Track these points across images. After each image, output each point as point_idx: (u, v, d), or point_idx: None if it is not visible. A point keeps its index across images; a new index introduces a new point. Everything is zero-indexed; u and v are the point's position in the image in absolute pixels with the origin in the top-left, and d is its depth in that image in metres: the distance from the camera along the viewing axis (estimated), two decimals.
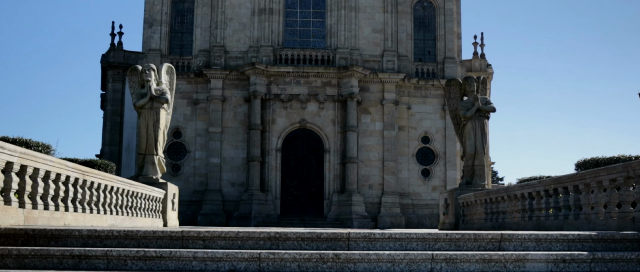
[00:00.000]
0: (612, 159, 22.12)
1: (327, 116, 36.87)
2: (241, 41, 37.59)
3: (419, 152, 37.77)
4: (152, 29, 37.66)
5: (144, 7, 37.99)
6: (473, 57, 41.78)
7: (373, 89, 37.29)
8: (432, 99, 37.96)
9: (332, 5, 37.84)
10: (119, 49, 41.75)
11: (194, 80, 37.20)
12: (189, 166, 36.93)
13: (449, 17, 38.52)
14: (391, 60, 37.51)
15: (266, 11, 37.45)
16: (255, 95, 36.11)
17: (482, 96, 19.92)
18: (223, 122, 36.76)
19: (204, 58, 37.44)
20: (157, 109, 18.41)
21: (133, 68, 19.25)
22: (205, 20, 37.84)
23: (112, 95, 41.49)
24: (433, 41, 38.88)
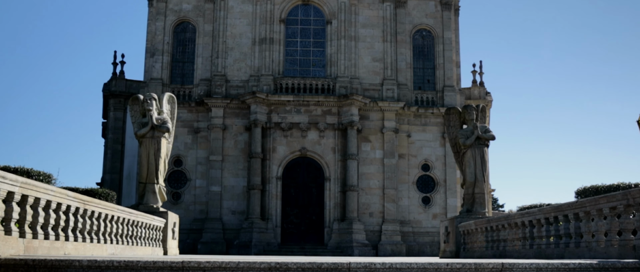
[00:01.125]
0: (612, 187, 22.13)
1: (327, 144, 36.95)
2: (242, 70, 37.89)
3: (419, 180, 37.75)
4: (154, 59, 38.01)
5: (146, 37, 38.41)
6: (472, 85, 42.05)
7: (373, 117, 37.45)
8: (431, 127, 38.09)
9: (332, 35, 38.25)
10: (120, 78, 42.08)
11: (195, 109, 37.38)
12: (190, 194, 36.88)
13: (447, 46, 38.90)
14: (391, 88, 37.76)
15: (267, 41, 37.84)
16: (256, 124, 36.25)
17: (482, 124, 20.05)
18: (224, 151, 36.83)
19: (205, 87, 37.69)
20: (158, 138, 18.50)
21: (134, 97, 19.39)
22: (206, 49, 38.21)
23: (113, 123, 41.68)
24: (432, 70, 39.18)
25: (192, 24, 38.79)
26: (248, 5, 38.38)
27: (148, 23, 38.54)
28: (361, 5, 38.72)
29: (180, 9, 38.72)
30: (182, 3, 38.77)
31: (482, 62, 42.51)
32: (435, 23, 39.22)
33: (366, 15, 38.67)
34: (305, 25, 38.81)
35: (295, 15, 38.82)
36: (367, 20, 38.60)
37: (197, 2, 38.79)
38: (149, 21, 38.53)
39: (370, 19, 38.63)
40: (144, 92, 36.49)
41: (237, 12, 38.34)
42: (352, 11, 38.42)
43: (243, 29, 38.20)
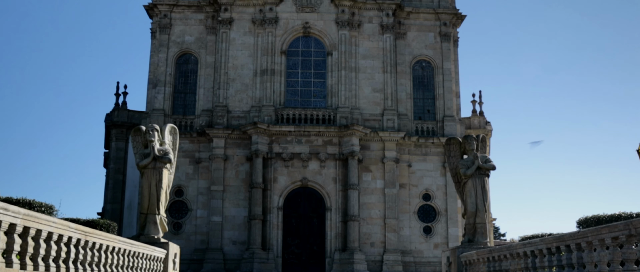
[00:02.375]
0: (614, 217, 22.08)
1: (328, 174, 36.97)
2: (243, 101, 38.14)
3: (420, 209, 37.66)
4: (156, 90, 38.30)
5: (149, 68, 38.80)
6: (472, 115, 42.27)
7: (374, 148, 37.54)
8: (432, 156, 38.16)
9: (332, 66, 38.62)
10: (123, 109, 42.38)
11: (197, 140, 37.52)
12: (191, 224, 36.77)
13: (447, 77, 39.22)
14: (391, 119, 37.94)
15: (268, 72, 38.19)
16: (257, 154, 36.34)
17: (482, 154, 20.12)
18: (225, 181, 36.84)
19: (206, 118, 37.89)
20: (160, 169, 18.55)
21: (137, 128, 19.50)
22: (208, 81, 38.54)
23: (115, 153, 41.83)
24: (432, 100, 39.43)
25: (194, 56, 39.20)
26: (250, 37, 38.84)
27: (151, 55, 38.97)
28: (361, 37, 39.18)
29: (183, 41, 39.18)
30: (185, 35, 39.25)
31: (481, 92, 42.93)
32: (435, 54, 39.62)
33: (366, 46, 39.10)
34: (306, 56, 39.22)
35: (296, 47, 39.26)
36: (367, 52, 39.01)
37: (199, 34, 39.28)
38: (152, 53, 38.96)
39: (370, 50, 39.05)
40: (146, 122, 36.71)
41: (238, 43, 38.79)
42: (352, 43, 38.86)
43: (245, 60, 38.59)
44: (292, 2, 39.25)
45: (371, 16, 39.55)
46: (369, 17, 39.55)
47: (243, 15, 39.12)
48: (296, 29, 39.04)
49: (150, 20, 39.95)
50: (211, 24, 39.27)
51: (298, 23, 39.02)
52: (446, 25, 39.87)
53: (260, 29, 38.80)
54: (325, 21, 39.14)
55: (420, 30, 40.02)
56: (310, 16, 39.12)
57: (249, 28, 38.99)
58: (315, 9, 39.23)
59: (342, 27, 38.90)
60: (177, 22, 39.30)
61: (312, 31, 39.10)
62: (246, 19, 39.07)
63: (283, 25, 38.98)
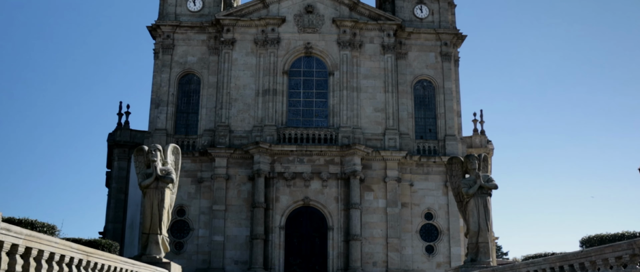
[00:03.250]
0: (617, 236, 22.03)
1: (330, 194, 36.94)
2: (245, 121, 38.27)
3: (423, 228, 37.56)
4: (159, 110, 38.47)
5: (152, 88, 39.00)
6: (473, 134, 42.38)
7: (375, 167, 37.55)
8: (434, 175, 38.16)
9: (334, 86, 38.80)
10: (125, 128, 42.55)
11: (199, 159, 37.57)
12: (192, 243, 36.67)
13: (448, 96, 39.38)
14: (393, 138, 38.01)
15: (270, 92, 38.37)
16: (259, 174, 36.36)
17: (484, 173, 20.18)
18: (227, 200, 36.81)
19: (208, 137, 37.99)
20: (162, 189, 18.59)
21: (139, 148, 19.58)
22: (210, 100, 38.71)
23: (117, 173, 41.91)
24: (433, 119, 39.54)
25: (196, 76, 39.43)
26: (252, 58, 39.10)
27: (154, 75, 39.21)
28: (363, 57, 39.42)
29: (186, 61, 39.45)
30: (187, 55, 39.53)
31: (482, 111, 43.09)
32: (436, 74, 39.83)
33: (368, 66, 39.33)
34: (308, 76, 39.44)
35: (298, 67, 39.50)
36: (369, 72, 39.23)
37: (202, 54, 39.56)
38: (155, 73, 39.21)
39: (371, 70, 39.26)
40: (148, 142, 36.82)
41: (241, 64, 39.04)
42: (353, 63, 39.09)
43: (247, 80, 38.80)
44: (294, 22, 39.58)
45: (372, 36, 39.84)
46: (370, 38, 39.84)
47: (245, 35, 39.43)
48: (298, 50, 39.32)
49: (153, 41, 40.28)
50: (214, 44, 39.57)
51: (300, 43, 39.31)
52: (447, 45, 40.13)
53: (262, 49, 39.07)
54: (326, 41, 39.43)
55: (421, 50, 40.27)
56: (312, 37, 39.42)
57: (251, 48, 39.27)
58: (317, 29, 39.54)
59: (343, 47, 39.17)
60: (180, 42, 39.61)
61: (314, 51, 39.37)
62: (248, 40, 39.37)
63: (285, 46, 39.27)
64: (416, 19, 40.87)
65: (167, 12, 40.07)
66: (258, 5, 39.85)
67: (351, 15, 39.93)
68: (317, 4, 40.05)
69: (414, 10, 41.02)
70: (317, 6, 39.99)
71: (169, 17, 39.91)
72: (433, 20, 40.91)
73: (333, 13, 39.89)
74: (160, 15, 40.27)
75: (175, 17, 39.94)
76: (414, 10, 41.02)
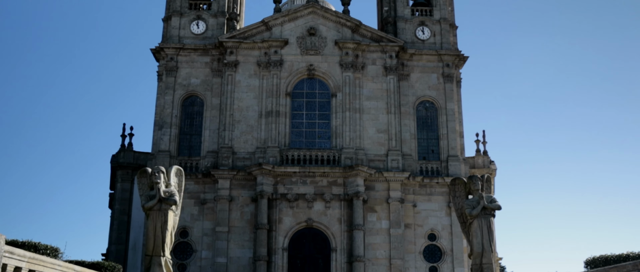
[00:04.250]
0: (622, 257, 21.90)
1: (333, 215, 36.90)
2: (248, 142, 38.40)
3: (426, 249, 37.42)
4: (162, 131, 38.64)
5: (155, 110, 39.22)
6: (476, 154, 42.45)
7: (378, 188, 37.56)
8: (437, 196, 38.13)
9: (337, 107, 38.99)
10: (129, 150, 42.76)
11: (202, 181, 37.63)
12: (195, 265, 36.56)
13: (450, 117, 39.51)
14: (396, 159, 38.07)
15: (273, 114, 38.56)
16: (262, 195, 36.38)
17: (487, 194, 20.22)
18: (230, 222, 36.79)
19: (212, 159, 38.09)
20: (165, 211, 18.66)
21: (143, 170, 19.69)
22: (213, 122, 38.90)
23: (120, 194, 42.03)
24: (436, 140, 39.62)
25: (200, 98, 39.67)
26: (255, 80, 39.37)
27: (157, 97, 39.47)
28: (365, 79, 39.67)
29: (189, 83, 39.73)
30: (191, 78, 39.82)
31: (485, 132, 43.26)
32: (438, 95, 40.01)
33: (370, 88, 39.56)
34: (310, 98, 39.65)
35: (301, 89, 39.74)
36: (371, 93, 39.44)
37: (205, 76, 39.85)
38: (158, 95, 39.47)
39: (374, 92, 39.48)
40: (151, 164, 36.93)
41: (244, 86, 39.30)
42: (356, 84, 39.33)
43: (250, 102, 39.02)
44: (297, 45, 39.92)
45: (375, 58, 40.13)
46: (372, 59, 40.13)
47: (248, 58, 39.75)
48: (301, 71, 39.60)
49: (157, 63, 40.63)
50: (217, 66, 39.87)
51: (303, 65, 39.60)
52: (449, 66, 40.38)
53: (265, 71, 39.37)
54: (329, 63, 39.72)
55: (423, 71, 40.52)
56: (314, 59, 39.72)
57: (254, 70, 39.57)
58: (319, 51, 39.87)
59: (346, 69, 39.44)
60: (183, 65, 39.93)
61: (316, 73, 39.64)
62: (251, 62, 39.68)
63: (288, 68, 39.56)
64: (418, 40, 41.19)
65: (171, 35, 40.47)
66: (261, 27, 40.24)
67: (353, 37, 40.28)
68: (320, 26, 40.43)
69: (416, 32, 41.37)
70: (320, 28, 40.37)
71: (172, 39, 40.30)
72: (435, 41, 41.23)
73: (335, 35, 40.25)
74: (164, 38, 40.67)
75: (178, 40, 40.32)
76: (415, 32, 41.37)
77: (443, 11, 41.87)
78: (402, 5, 41.95)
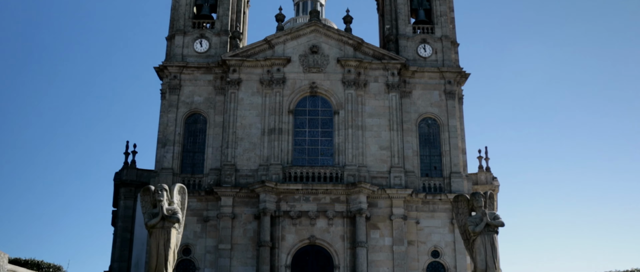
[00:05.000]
0: None
1: (336, 232, 36.86)
2: (251, 160, 38.49)
3: (429, 266, 37.30)
4: (165, 149, 38.77)
5: (158, 128, 39.38)
6: (479, 171, 42.48)
7: (381, 205, 37.55)
8: (440, 213, 38.09)
9: (339, 124, 39.12)
10: (132, 168, 42.91)
11: (205, 198, 37.67)
12: None
13: (453, 134, 39.59)
14: (398, 176, 38.11)
15: (276, 131, 38.69)
16: (265, 213, 36.39)
17: (490, 211, 20.25)
18: (233, 239, 36.75)
19: (214, 176, 38.17)
20: (168, 229, 18.72)
21: (146, 188, 19.78)
22: (216, 140, 39.04)
23: (123, 212, 42.10)
24: (439, 157, 39.66)
25: (203, 116, 39.85)
26: (258, 98, 39.58)
27: (160, 115, 39.66)
28: (367, 96, 39.85)
29: (192, 101, 39.95)
30: (194, 96, 40.05)
31: (487, 148, 43.32)
32: (440, 111, 40.14)
33: (372, 105, 39.71)
34: (313, 115, 39.82)
35: (303, 106, 39.92)
36: (374, 110, 39.59)
37: (208, 94, 40.07)
38: (162, 113, 39.67)
39: (376, 109, 39.63)
40: (154, 181, 37.03)
41: (247, 104, 39.49)
42: (358, 101, 39.50)
43: (253, 120, 39.19)
44: (299, 62, 40.18)
45: (377, 76, 40.35)
46: (374, 77, 40.34)
47: (251, 76, 39.99)
48: (303, 89, 39.81)
49: (160, 81, 40.87)
50: (220, 84, 40.11)
51: (305, 83, 39.82)
52: (451, 83, 40.57)
53: (268, 89, 39.58)
54: (331, 81, 39.94)
55: (425, 88, 40.69)
56: (317, 76, 39.96)
57: (257, 88, 39.79)
58: (321, 69, 40.11)
59: (348, 86, 39.64)
60: (186, 83, 40.18)
61: (319, 91, 39.85)
62: (254, 80, 39.92)
63: (290, 85, 39.78)
64: (420, 58, 41.43)
65: (175, 53, 40.78)
66: (264, 46, 40.55)
67: (356, 55, 40.53)
68: (322, 44, 40.72)
69: (418, 49, 41.62)
70: (322, 46, 40.65)
71: (176, 58, 40.60)
72: (436, 59, 41.46)
73: (338, 53, 40.52)
74: (167, 56, 40.98)
75: (182, 58, 40.62)
76: (417, 49, 41.62)
77: (444, 29, 42.15)
78: (403, 23, 42.28)
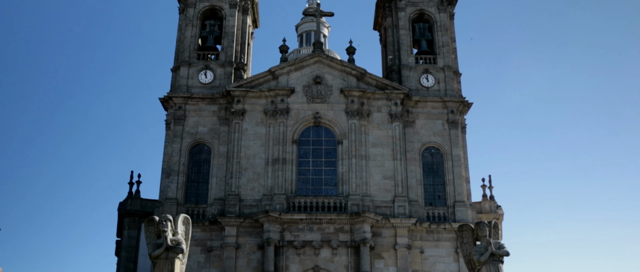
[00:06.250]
0: None
1: (340, 262, 36.67)
2: (255, 190, 38.54)
3: None
4: (170, 179, 38.88)
5: (163, 158, 39.55)
6: (483, 200, 42.43)
7: (385, 234, 37.43)
8: (444, 242, 37.92)
9: (343, 154, 39.25)
10: (136, 197, 43.02)
11: (209, 228, 37.63)
12: None
13: (456, 163, 39.64)
14: (402, 205, 38.06)
15: (280, 161, 38.82)
16: (269, 243, 36.30)
17: (495, 240, 20.26)
18: (236, 269, 36.58)
19: (218, 206, 38.19)
20: (172, 259, 18.79)
21: (150, 219, 19.91)
22: (221, 170, 39.16)
23: (127, 242, 42.05)
24: (442, 186, 39.66)
25: (207, 146, 40.06)
26: (262, 128, 39.82)
27: (165, 145, 39.87)
28: (371, 126, 40.05)
29: (197, 131, 40.20)
30: (198, 126, 40.32)
31: (491, 177, 43.36)
32: (443, 141, 40.26)
33: (376, 135, 39.89)
34: (317, 145, 39.99)
35: (307, 137, 40.12)
36: (377, 140, 39.75)
37: (212, 125, 40.33)
38: (166, 143, 39.88)
39: (380, 139, 39.79)
40: (158, 211, 37.06)
41: (251, 134, 39.71)
42: (362, 131, 39.69)
43: (257, 150, 39.36)
44: (303, 93, 40.52)
45: (380, 106, 40.61)
46: (377, 107, 40.60)
47: (255, 106, 40.30)
48: (307, 119, 40.06)
49: (165, 112, 41.19)
50: (224, 115, 40.40)
51: (309, 113, 40.09)
52: (453, 112, 40.77)
53: (272, 119, 39.85)
54: (335, 111, 40.20)
55: (428, 118, 40.90)
56: (320, 106, 40.24)
57: (261, 119, 40.06)
58: (325, 99, 40.42)
59: (351, 116, 39.89)
60: (191, 113, 40.49)
61: (322, 121, 40.08)
62: (258, 110, 40.22)
63: (294, 116, 40.04)
64: (423, 87, 41.74)
65: (179, 84, 41.19)
66: (268, 77, 40.95)
67: (359, 85, 40.87)
68: (326, 75, 41.11)
69: (420, 79, 41.96)
70: (326, 77, 41.04)
71: (181, 89, 40.99)
72: (439, 88, 41.75)
73: (341, 83, 40.87)
74: (172, 87, 41.37)
75: (187, 89, 41.00)
76: (420, 79, 41.96)
77: (446, 59, 42.55)
78: (406, 53, 42.72)
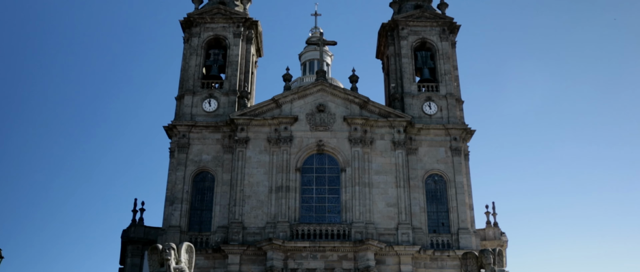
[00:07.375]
0: None
1: None
2: (259, 217, 38.55)
3: None
4: (173, 207, 38.94)
5: (167, 186, 39.65)
6: (486, 227, 42.28)
7: (389, 262, 37.26)
8: (448, 269, 37.70)
9: (346, 182, 39.31)
10: (139, 225, 42.97)
11: (212, 256, 37.54)
12: None
13: (459, 190, 39.64)
14: (406, 232, 37.98)
15: (283, 189, 38.89)
16: (272, 270, 36.16)
17: (500, 268, 20.22)
18: None
19: (222, 234, 38.16)
20: None
21: (154, 247, 19.96)
22: (224, 197, 39.22)
23: (130, 269, 41.90)
24: (446, 213, 39.61)
25: (211, 174, 40.18)
26: (265, 156, 39.98)
27: (169, 173, 40.01)
28: (374, 153, 40.17)
29: (200, 159, 40.37)
30: (202, 154, 40.50)
31: (494, 203, 43.25)
32: (446, 168, 40.33)
33: (379, 162, 39.99)
34: (320, 173, 40.08)
35: (310, 164, 40.24)
36: (380, 167, 39.83)
37: (216, 153, 40.52)
38: (170, 171, 40.03)
39: (383, 166, 39.87)
40: (162, 239, 37.04)
41: (254, 162, 39.86)
42: (365, 159, 39.80)
43: (260, 177, 39.46)
44: (306, 121, 40.77)
45: (383, 133, 40.79)
46: (380, 134, 40.78)
47: (259, 134, 40.53)
48: (310, 147, 40.23)
49: (169, 140, 41.41)
50: (228, 143, 40.61)
51: (312, 141, 40.27)
52: (456, 140, 40.90)
53: (275, 147, 40.03)
54: (338, 139, 40.38)
55: (431, 145, 41.02)
56: (323, 134, 40.45)
57: (264, 146, 40.24)
58: (328, 127, 40.65)
59: (355, 144, 40.05)
60: (195, 141, 40.72)
61: (325, 149, 40.25)
62: (262, 138, 40.43)
63: (297, 144, 40.22)
64: (425, 115, 41.97)
65: (184, 113, 41.51)
66: (271, 105, 41.27)
67: (362, 113, 41.13)
68: (329, 103, 41.41)
69: (423, 107, 42.22)
70: (329, 105, 41.33)
71: (185, 117, 41.29)
72: (442, 116, 41.97)
73: (344, 111, 41.13)
74: (176, 116, 41.69)
75: (191, 117, 41.31)
76: (423, 107, 42.21)
77: (449, 87, 42.86)
78: (408, 81, 43.07)
